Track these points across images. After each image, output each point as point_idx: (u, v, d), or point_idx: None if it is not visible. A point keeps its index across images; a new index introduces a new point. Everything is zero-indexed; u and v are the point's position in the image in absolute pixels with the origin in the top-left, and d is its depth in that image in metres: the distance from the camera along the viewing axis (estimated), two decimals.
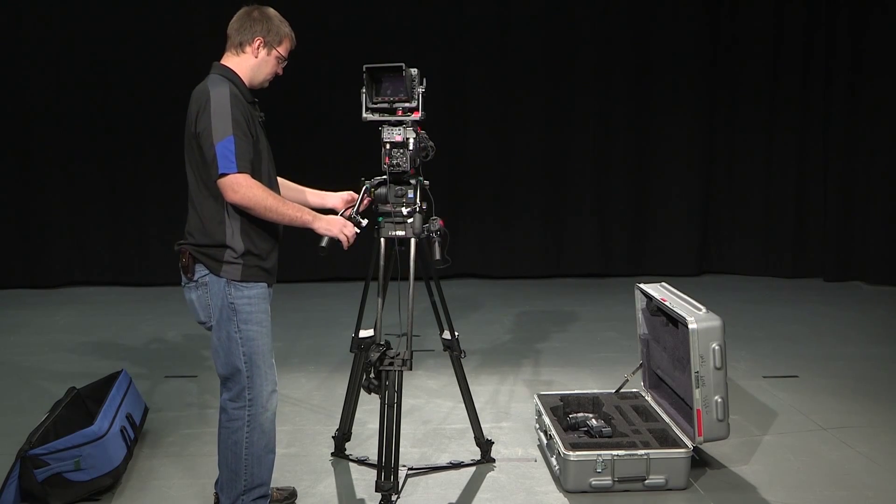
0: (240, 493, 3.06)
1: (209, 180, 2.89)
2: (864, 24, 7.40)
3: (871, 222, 7.57)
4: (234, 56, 3.05)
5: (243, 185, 2.83)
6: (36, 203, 7.42)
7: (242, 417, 3.02)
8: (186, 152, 3.00)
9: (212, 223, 2.94)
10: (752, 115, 7.75)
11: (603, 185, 7.82)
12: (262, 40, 3.03)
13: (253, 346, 3.00)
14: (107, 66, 7.31)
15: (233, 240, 2.94)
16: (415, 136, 3.34)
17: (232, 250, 2.94)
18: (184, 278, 3.04)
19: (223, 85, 2.93)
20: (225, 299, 2.95)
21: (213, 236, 2.94)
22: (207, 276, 2.96)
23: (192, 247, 2.98)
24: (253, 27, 3.03)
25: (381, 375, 3.24)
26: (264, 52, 3.04)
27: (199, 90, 2.97)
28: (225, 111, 2.85)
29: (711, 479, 3.65)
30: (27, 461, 3.32)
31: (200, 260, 2.96)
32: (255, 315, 3.00)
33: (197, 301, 3.01)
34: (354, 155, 5.80)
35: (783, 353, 5.47)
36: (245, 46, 3.03)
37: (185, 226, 3.05)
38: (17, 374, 5.12)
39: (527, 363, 5.29)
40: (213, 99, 2.87)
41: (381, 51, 6.55)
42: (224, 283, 2.95)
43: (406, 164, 3.32)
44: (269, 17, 3.07)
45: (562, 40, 7.60)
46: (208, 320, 3.01)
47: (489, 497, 3.50)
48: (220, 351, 3.01)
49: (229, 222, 2.94)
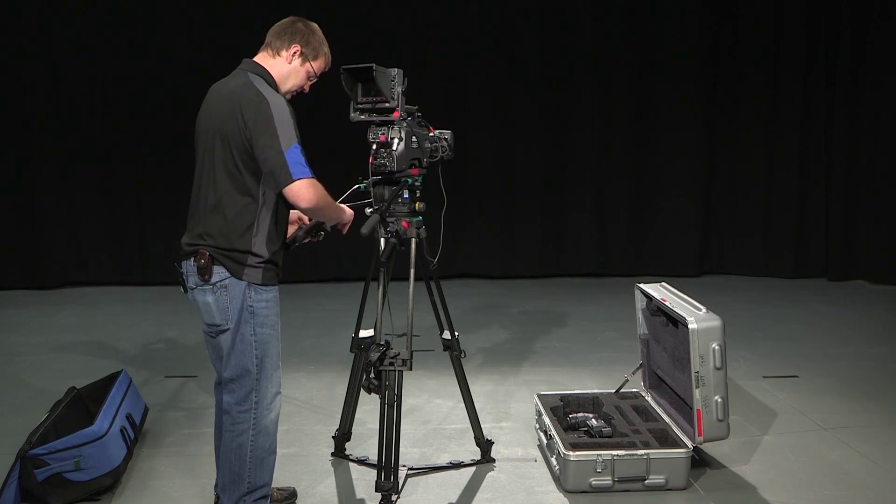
0: (242, 494, 3.05)
1: (252, 186, 2.85)
2: (865, 23, 7.41)
3: (874, 221, 7.58)
4: (270, 58, 3.03)
5: (318, 188, 2.86)
6: (36, 203, 7.43)
7: (248, 420, 3.01)
8: (209, 153, 2.92)
9: (240, 227, 2.89)
10: (753, 114, 7.75)
11: (603, 185, 7.82)
12: (300, 49, 3.02)
13: (265, 350, 2.99)
14: (107, 67, 7.32)
15: (259, 246, 2.91)
16: (401, 136, 3.30)
17: (256, 256, 2.92)
18: (196, 280, 2.93)
19: (271, 88, 2.92)
20: (244, 302, 2.93)
21: (239, 240, 2.89)
22: (228, 280, 2.91)
23: (213, 249, 2.90)
24: (294, 35, 3.02)
25: (381, 375, 3.24)
26: (298, 61, 3.03)
27: (240, 88, 2.88)
28: (287, 118, 2.84)
29: (711, 479, 3.65)
30: (27, 461, 3.32)
31: (222, 262, 2.90)
32: (270, 318, 2.99)
33: (214, 304, 2.93)
34: (356, 155, 5.80)
35: (783, 353, 5.47)
36: (281, 51, 3.02)
37: (195, 226, 2.96)
38: (17, 373, 5.12)
39: (527, 363, 5.29)
40: (272, 104, 2.83)
41: (380, 51, 6.55)
42: (245, 286, 2.91)
43: (392, 164, 3.29)
44: (313, 30, 3.07)
45: (562, 40, 7.61)
46: (224, 323, 2.95)
47: (489, 497, 3.50)
48: (233, 353, 2.97)
49: (258, 229, 2.90)
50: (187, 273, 2.99)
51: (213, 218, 2.91)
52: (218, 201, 2.90)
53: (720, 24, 7.69)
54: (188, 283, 2.99)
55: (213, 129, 2.91)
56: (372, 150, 3.33)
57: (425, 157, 3.47)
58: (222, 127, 2.88)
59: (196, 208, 2.99)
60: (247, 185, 2.87)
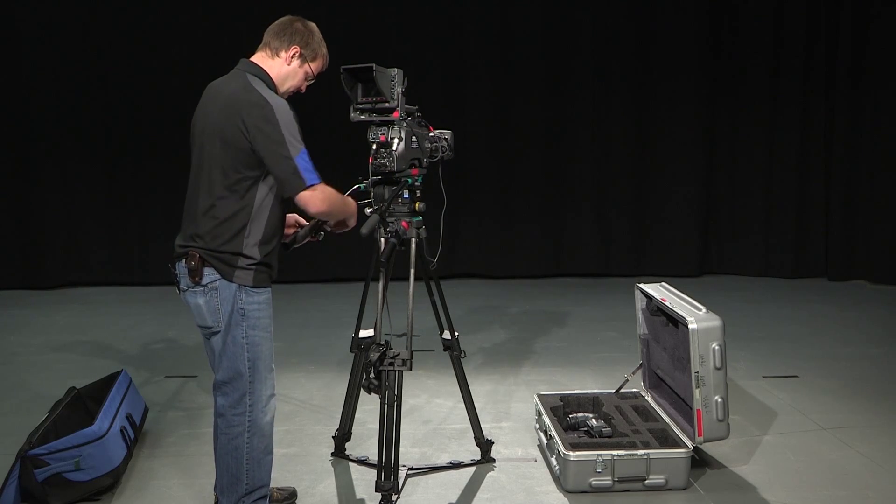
0: (241, 495, 3.05)
1: (247, 190, 2.84)
2: (865, 22, 7.42)
3: (874, 221, 7.59)
4: (269, 58, 3.00)
5: (328, 192, 2.86)
6: (36, 203, 7.43)
7: (243, 423, 3.00)
8: (206, 155, 2.90)
9: (232, 229, 2.87)
10: (753, 114, 7.76)
11: (603, 185, 7.82)
12: (299, 51, 3.00)
13: (257, 352, 2.98)
14: (107, 67, 7.32)
15: (250, 248, 2.90)
16: (401, 136, 3.30)
17: (247, 258, 2.90)
18: (187, 282, 2.93)
19: (271, 91, 2.90)
20: (235, 304, 2.91)
21: (230, 242, 2.87)
22: (218, 281, 2.89)
23: (203, 250, 2.88)
24: (293, 36, 3.00)
25: (381, 375, 3.24)
26: (297, 62, 3.01)
27: (240, 90, 2.86)
28: (291, 122, 2.83)
29: (711, 479, 3.64)
30: (27, 461, 3.32)
31: (212, 264, 2.88)
32: (262, 321, 2.98)
33: (205, 306, 2.92)
34: (357, 154, 5.80)
35: (783, 353, 5.47)
36: (280, 51, 2.99)
37: (187, 227, 2.96)
38: (17, 374, 5.12)
39: (527, 363, 5.29)
40: (276, 108, 2.81)
41: (380, 51, 6.56)
42: (235, 288, 2.90)
43: (392, 164, 3.29)
44: (312, 31, 3.05)
45: (562, 40, 7.61)
46: (216, 325, 2.94)
47: (489, 497, 3.50)
48: (224, 355, 2.96)
49: (251, 231, 2.89)
50: (179, 274, 2.98)
51: (205, 220, 2.89)
52: (212, 203, 2.88)
53: (720, 24, 7.69)
54: (180, 284, 2.98)
55: (211, 131, 2.89)
56: (372, 151, 3.33)
57: (425, 157, 3.47)
58: (221, 129, 2.86)
59: (190, 209, 2.97)
60: (242, 188, 2.86)
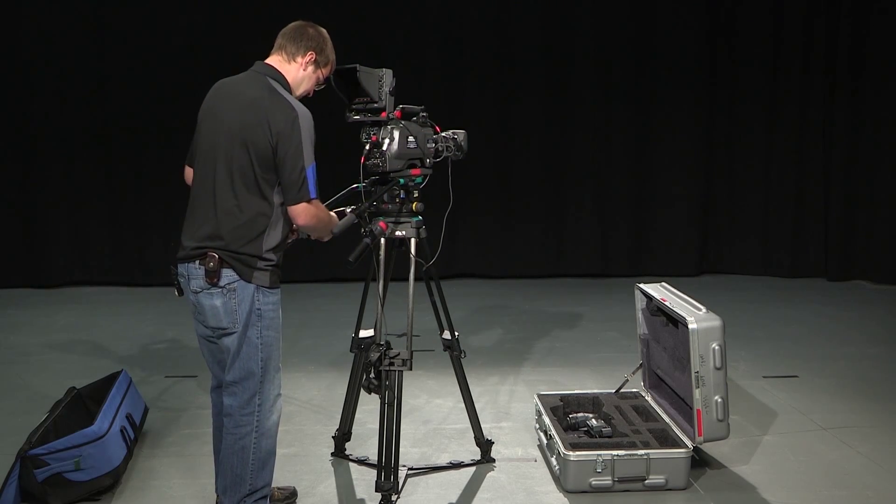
0: (243, 496, 3.06)
1: (269, 193, 2.89)
2: (864, 22, 7.41)
3: (874, 221, 7.58)
4: (285, 63, 3.04)
5: (321, 210, 2.97)
6: (37, 203, 7.42)
7: (251, 423, 3.01)
8: (224, 153, 2.91)
9: (254, 231, 2.90)
10: (752, 114, 7.75)
11: (603, 184, 7.82)
12: (314, 56, 3.05)
13: (269, 352, 3.01)
14: (108, 67, 7.31)
15: (269, 252, 2.94)
16: (392, 136, 3.29)
17: (265, 259, 2.93)
18: (202, 283, 2.91)
19: (295, 99, 2.96)
20: (253, 305, 2.93)
21: (252, 243, 2.90)
22: (237, 283, 2.90)
23: (223, 251, 2.89)
24: (309, 42, 3.04)
25: (381, 375, 3.24)
26: (311, 68, 3.06)
27: (266, 96, 2.89)
28: (311, 134, 2.90)
29: (711, 479, 3.65)
30: (27, 461, 3.32)
31: (231, 265, 2.89)
32: (276, 321, 3.02)
33: (223, 307, 2.92)
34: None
35: (783, 353, 5.47)
36: (297, 56, 3.03)
37: (200, 227, 2.93)
38: (17, 374, 5.12)
39: (527, 363, 5.29)
40: (301, 117, 2.88)
41: (380, 51, 6.55)
42: (254, 288, 2.92)
43: (385, 164, 3.29)
44: (325, 37, 3.10)
45: (562, 40, 7.61)
46: (231, 326, 2.93)
47: (489, 497, 3.50)
48: (238, 356, 2.97)
49: (269, 233, 2.92)
50: (189, 276, 2.96)
51: (225, 220, 2.90)
52: (235, 205, 2.89)
53: (719, 24, 7.68)
54: (191, 286, 2.96)
55: (230, 131, 2.90)
56: (364, 151, 3.34)
57: (428, 157, 3.45)
58: (245, 133, 2.88)
59: (203, 209, 2.95)
60: (265, 192, 2.90)
